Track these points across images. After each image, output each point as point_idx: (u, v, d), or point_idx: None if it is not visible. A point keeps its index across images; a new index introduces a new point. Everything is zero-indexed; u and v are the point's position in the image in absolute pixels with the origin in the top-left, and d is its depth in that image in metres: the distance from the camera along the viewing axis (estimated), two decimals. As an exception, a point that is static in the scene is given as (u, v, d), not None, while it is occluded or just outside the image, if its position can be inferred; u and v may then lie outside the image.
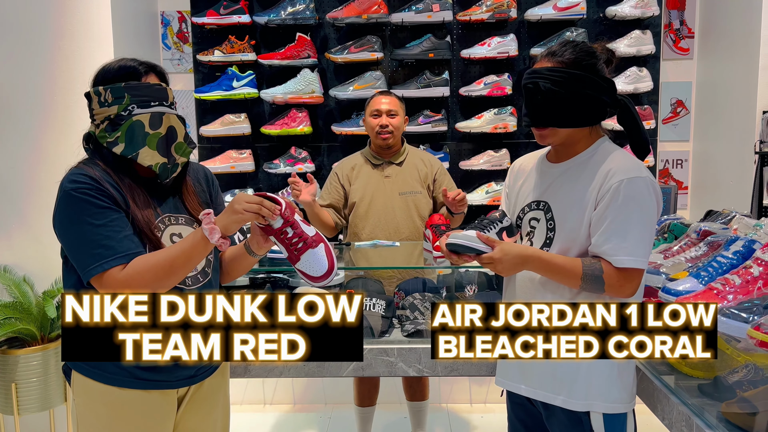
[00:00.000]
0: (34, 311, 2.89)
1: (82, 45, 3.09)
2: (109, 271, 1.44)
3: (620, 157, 1.63)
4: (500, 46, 3.49)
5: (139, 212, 1.51)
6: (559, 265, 1.59)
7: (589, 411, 1.63)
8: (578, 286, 1.59)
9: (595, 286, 1.57)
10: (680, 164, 3.75)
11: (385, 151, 2.90)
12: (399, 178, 2.88)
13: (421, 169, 2.91)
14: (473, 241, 1.61)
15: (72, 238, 1.47)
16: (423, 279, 2.52)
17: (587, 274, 1.56)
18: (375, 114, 2.85)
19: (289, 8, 3.52)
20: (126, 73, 1.53)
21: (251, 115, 3.69)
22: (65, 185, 1.47)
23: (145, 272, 1.44)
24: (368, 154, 2.95)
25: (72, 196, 1.45)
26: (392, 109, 2.84)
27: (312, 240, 1.52)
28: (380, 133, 2.83)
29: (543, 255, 1.61)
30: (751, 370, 1.58)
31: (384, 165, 2.91)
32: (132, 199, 1.52)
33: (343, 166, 2.96)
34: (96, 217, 1.45)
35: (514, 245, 1.63)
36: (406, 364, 2.07)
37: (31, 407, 2.82)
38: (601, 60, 1.65)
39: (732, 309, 1.36)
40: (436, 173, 2.93)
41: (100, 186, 1.47)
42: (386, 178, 2.89)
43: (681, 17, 3.67)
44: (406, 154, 2.94)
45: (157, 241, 1.53)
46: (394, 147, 2.90)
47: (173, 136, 1.54)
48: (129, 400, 1.55)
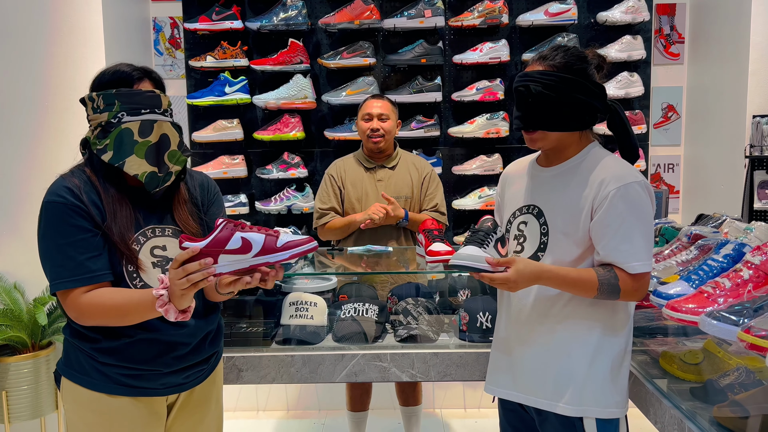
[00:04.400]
0: (25, 318, 2.87)
1: (74, 51, 3.08)
2: (73, 292, 1.46)
3: (612, 162, 1.64)
4: (492, 51, 3.50)
5: (115, 226, 1.50)
6: (574, 279, 1.58)
7: (582, 417, 1.63)
8: (593, 296, 1.59)
9: (611, 295, 1.58)
10: (671, 168, 3.77)
11: (377, 154, 2.91)
12: (391, 182, 2.90)
13: (413, 173, 2.92)
14: (481, 262, 1.58)
15: (42, 249, 1.50)
16: (416, 284, 2.52)
17: (603, 284, 1.56)
18: (366, 118, 2.86)
19: (282, 14, 3.52)
20: (118, 79, 1.52)
21: (244, 120, 3.69)
22: (45, 196, 1.50)
23: (102, 309, 1.46)
24: (361, 156, 2.96)
25: (47, 209, 1.49)
26: (384, 113, 2.84)
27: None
28: (371, 137, 2.84)
29: (556, 270, 1.59)
30: (742, 373, 1.59)
31: (376, 168, 2.92)
32: (112, 212, 1.50)
33: (337, 167, 2.97)
34: (63, 235, 1.46)
35: (527, 264, 1.59)
36: (399, 369, 2.07)
37: (22, 415, 2.80)
38: (592, 65, 1.66)
39: (722, 312, 1.36)
40: (425, 178, 2.94)
41: (75, 202, 1.48)
42: (378, 181, 2.90)
43: (671, 23, 3.70)
44: (399, 158, 2.95)
45: (132, 255, 1.51)
46: (386, 151, 2.91)
47: (166, 144, 1.52)
48: (117, 407, 1.54)
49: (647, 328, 2.08)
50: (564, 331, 1.65)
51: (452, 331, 2.24)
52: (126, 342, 1.53)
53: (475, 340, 2.13)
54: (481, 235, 1.65)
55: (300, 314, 2.21)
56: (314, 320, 2.20)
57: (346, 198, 2.91)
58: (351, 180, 2.91)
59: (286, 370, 2.07)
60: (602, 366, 1.64)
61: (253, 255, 1.38)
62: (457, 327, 2.21)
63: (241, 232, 1.39)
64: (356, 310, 2.24)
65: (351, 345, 2.13)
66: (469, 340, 2.14)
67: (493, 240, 1.66)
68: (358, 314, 2.22)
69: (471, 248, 1.61)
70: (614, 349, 1.65)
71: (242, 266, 1.39)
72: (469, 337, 2.14)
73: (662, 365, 1.82)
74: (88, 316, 1.47)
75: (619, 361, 1.66)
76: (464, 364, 2.07)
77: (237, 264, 1.38)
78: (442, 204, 2.95)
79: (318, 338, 2.17)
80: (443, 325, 2.29)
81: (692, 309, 1.48)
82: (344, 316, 2.23)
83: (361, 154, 2.97)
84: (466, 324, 2.15)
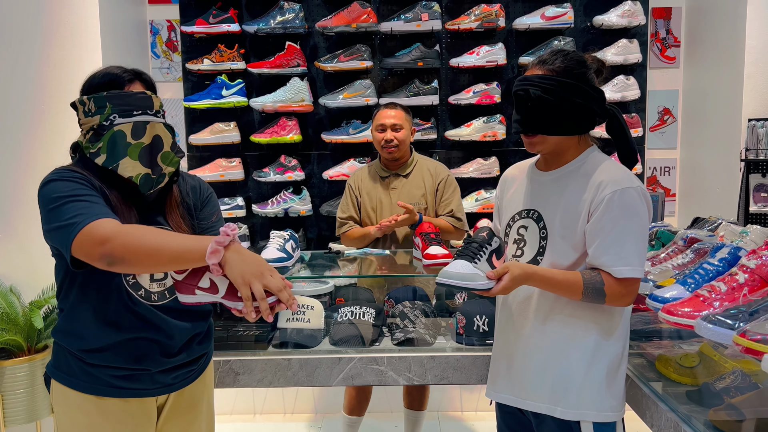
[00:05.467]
0: (21, 322, 2.86)
1: (70, 54, 3.08)
2: (97, 222, 1.36)
3: (611, 167, 1.64)
4: (489, 54, 3.51)
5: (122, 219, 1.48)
6: (560, 281, 1.59)
7: (580, 420, 1.63)
8: (579, 299, 1.59)
9: (596, 298, 1.58)
10: (668, 171, 3.78)
11: (392, 163, 2.93)
12: (404, 191, 2.91)
13: (427, 179, 2.93)
14: (471, 280, 1.53)
15: (52, 215, 1.40)
16: (413, 287, 2.51)
17: (588, 287, 1.57)
18: (380, 128, 2.87)
19: (279, 17, 3.52)
20: (109, 81, 1.52)
21: (241, 123, 3.69)
22: (44, 179, 1.46)
23: (136, 240, 1.35)
24: (377, 166, 2.99)
25: (51, 180, 1.44)
26: (397, 122, 2.86)
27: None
28: (385, 147, 2.86)
29: (543, 272, 1.60)
30: (738, 376, 1.59)
31: (390, 177, 2.94)
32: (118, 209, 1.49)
33: (355, 177, 3.01)
34: (78, 192, 1.42)
35: (519, 267, 1.57)
36: (396, 372, 2.06)
37: (18, 419, 2.79)
38: (591, 69, 1.66)
39: (718, 316, 1.36)
40: (439, 183, 2.93)
41: (82, 174, 1.46)
42: (392, 190, 2.91)
43: (667, 26, 3.71)
44: (414, 165, 2.96)
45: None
46: (402, 159, 2.93)
47: (159, 146, 1.52)
48: (107, 408, 1.54)
49: (643, 331, 2.09)
50: (561, 335, 1.66)
51: (449, 335, 2.24)
52: (114, 342, 1.52)
53: (472, 344, 2.13)
54: (474, 248, 1.59)
55: (297, 317, 2.20)
56: (311, 323, 2.20)
57: (362, 207, 2.94)
58: (366, 190, 2.94)
59: (283, 374, 2.07)
60: (599, 370, 1.64)
61: (221, 297, 1.41)
62: (454, 330, 2.21)
63: (209, 272, 1.40)
64: (353, 314, 2.24)
65: (348, 348, 2.13)
66: (467, 344, 2.14)
67: (487, 252, 1.60)
68: (355, 317, 2.22)
69: (460, 264, 1.55)
70: (611, 352, 1.65)
71: (215, 300, 1.43)
72: (466, 340, 2.14)
73: (658, 368, 1.83)
74: (118, 236, 1.34)
75: (616, 365, 1.67)
76: (461, 368, 2.07)
77: (212, 299, 1.42)
78: (458, 209, 2.92)
79: (315, 341, 2.16)
80: (440, 328, 2.29)
81: (688, 313, 1.49)
82: (341, 320, 2.23)
83: (377, 163, 3.00)
84: (463, 327, 2.15)
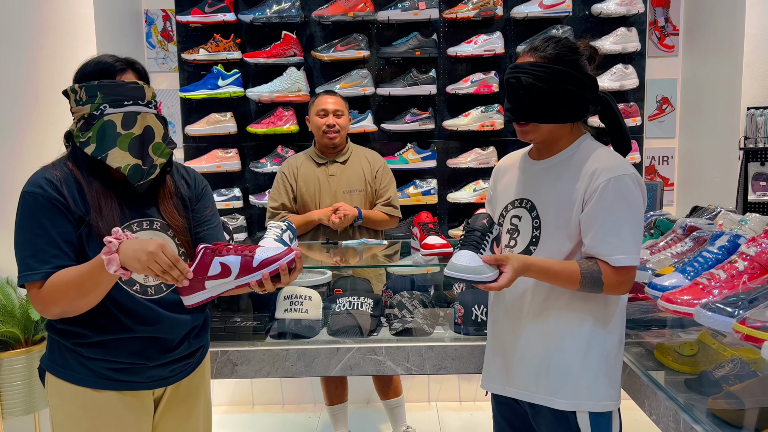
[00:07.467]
0: (18, 314, 2.85)
1: (65, 43, 3.05)
2: (36, 285, 1.45)
3: (604, 154, 1.63)
4: (486, 43, 3.49)
5: (101, 220, 1.48)
6: (557, 271, 1.57)
7: (576, 410, 1.62)
8: (577, 289, 1.58)
9: (593, 287, 1.56)
10: (666, 161, 3.78)
11: (330, 150, 2.93)
12: (343, 177, 2.92)
13: (365, 166, 2.95)
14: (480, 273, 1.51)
15: (15, 239, 1.50)
16: (411, 277, 2.51)
17: (585, 277, 1.55)
18: (321, 113, 2.88)
19: (275, 6, 3.49)
20: (101, 70, 1.50)
21: (237, 114, 3.67)
22: (24, 186, 1.49)
23: (59, 290, 1.43)
24: (313, 153, 2.98)
25: (24, 199, 1.48)
26: (338, 108, 2.88)
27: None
28: (327, 132, 2.86)
29: (540, 263, 1.58)
30: (737, 364, 1.59)
31: (328, 164, 2.94)
32: (96, 205, 1.49)
33: (289, 165, 2.98)
34: (37, 227, 1.45)
35: (518, 258, 1.55)
36: (394, 362, 2.06)
37: (15, 411, 2.78)
38: (584, 56, 1.64)
39: (717, 303, 1.36)
40: (377, 171, 2.95)
41: (53, 194, 1.46)
42: (331, 176, 2.91)
43: (666, 15, 3.69)
44: (350, 152, 2.98)
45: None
46: (340, 146, 2.94)
47: (150, 136, 1.50)
48: (102, 401, 1.53)
49: (642, 320, 2.08)
50: (556, 326, 1.64)
51: (447, 324, 2.24)
52: (111, 337, 1.51)
53: (470, 333, 2.13)
54: (478, 236, 1.58)
55: (295, 308, 2.20)
56: (309, 314, 2.19)
57: (299, 195, 2.92)
58: (303, 177, 2.92)
59: (281, 364, 2.06)
60: (595, 360, 1.63)
61: (235, 277, 1.41)
62: (452, 320, 2.21)
63: (219, 257, 1.41)
64: (351, 304, 2.23)
65: (346, 339, 2.12)
66: (464, 333, 2.14)
67: (489, 241, 1.59)
68: (353, 308, 2.22)
69: (467, 255, 1.53)
70: (607, 342, 1.64)
71: (230, 287, 1.43)
72: (464, 330, 2.14)
73: (657, 357, 1.83)
74: (51, 302, 1.43)
75: (613, 354, 1.66)
76: (459, 357, 2.07)
77: (224, 286, 1.43)
78: (394, 198, 2.97)
79: (313, 332, 2.16)
80: (438, 318, 2.29)
81: (687, 301, 1.48)
82: (339, 310, 2.23)
83: (312, 150, 2.99)
84: (461, 317, 2.15)
